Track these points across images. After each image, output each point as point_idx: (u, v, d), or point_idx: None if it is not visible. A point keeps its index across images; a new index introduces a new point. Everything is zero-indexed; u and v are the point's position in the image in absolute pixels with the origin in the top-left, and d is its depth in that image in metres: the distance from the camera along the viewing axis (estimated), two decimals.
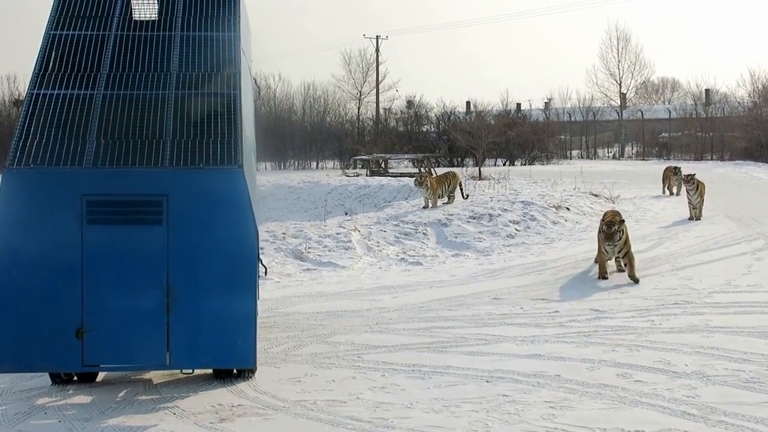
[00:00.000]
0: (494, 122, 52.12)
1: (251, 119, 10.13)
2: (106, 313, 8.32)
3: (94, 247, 8.29)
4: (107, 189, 8.36)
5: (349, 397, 8.71)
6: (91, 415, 8.27)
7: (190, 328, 8.36)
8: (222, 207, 8.38)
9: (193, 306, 8.36)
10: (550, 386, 8.82)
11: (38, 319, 8.29)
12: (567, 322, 12.03)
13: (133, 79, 9.43)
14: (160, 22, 10.20)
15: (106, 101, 9.15)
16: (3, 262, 8.23)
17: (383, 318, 12.99)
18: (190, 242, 8.35)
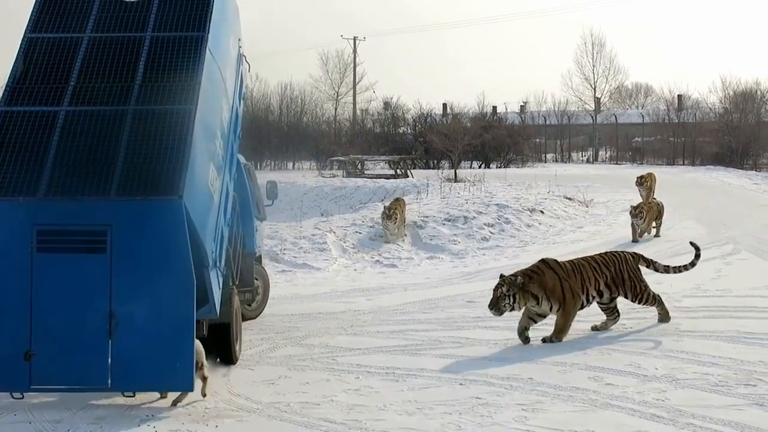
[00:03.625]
0: (470, 125, 52.21)
1: (219, 126, 9.88)
2: (52, 336, 8.25)
3: (43, 274, 8.27)
4: (56, 219, 8.32)
5: (323, 399, 8.71)
6: (62, 417, 8.21)
7: (129, 352, 8.24)
8: (160, 237, 8.30)
9: (133, 331, 8.24)
10: (523, 389, 8.86)
11: None
12: (540, 325, 12.05)
13: (96, 93, 9.19)
14: (136, 17, 9.88)
15: (68, 120, 8.94)
16: None
17: (358, 320, 13.00)
18: (131, 270, 8.29)
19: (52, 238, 8.31)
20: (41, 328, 8.26)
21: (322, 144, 58.05)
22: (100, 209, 8.31)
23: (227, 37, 10.59)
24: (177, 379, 8.36)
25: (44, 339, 8.25)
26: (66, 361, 8.26)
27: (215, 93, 9.76)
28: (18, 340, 8.23)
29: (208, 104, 9.34)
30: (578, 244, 20.97)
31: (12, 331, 8.26)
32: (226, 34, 10.55)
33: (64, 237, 8.34)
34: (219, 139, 9.77)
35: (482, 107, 65.95)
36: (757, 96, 55.08)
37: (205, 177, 9.01)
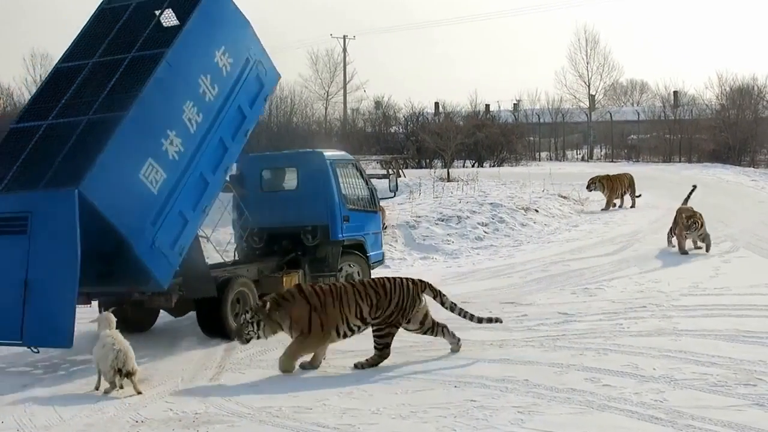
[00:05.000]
0: (463, 123, 52.23)
1: (176, 126, 11.57)
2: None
3: None
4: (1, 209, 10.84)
5: (315, 403, 8.69)
6: (50, 423, 8.20)
7: (35, 314, 10.18)
8: (57, 221, 10.31)
9: (38, 298, 10.23)
10: (519, 391, 8.84)
11: None
12: (535, 325, 12.09)
13: (72, 107, 11.71)
14: (133, 39, 12.28)
15: (45, 131, 11.56)
16: None
17: None
18: (41, 248, 10.37)
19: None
20: None
21: (313, 144, 57.99)
22: (25, 199, 10.67)
23: (210, 49, 12.29)
24: (59, 337, 10.18)
25: None
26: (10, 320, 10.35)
27: (172, 99, 11.63)
28: None
29: (154, 109, 11.37)
30: (574, 243, 21.03)
31: None
32: (208, 47, 12.27)
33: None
34: (174, 138, 11.50)
35: (475, 105, 65.91)
36: (754, 92, 55.17)
37: (134, 171, 10.89)
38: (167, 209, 11.29)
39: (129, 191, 10.82)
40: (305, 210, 14.55)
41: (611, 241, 20.64)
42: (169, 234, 11.30)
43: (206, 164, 12.00)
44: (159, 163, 11.23)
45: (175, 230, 11.41)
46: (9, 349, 11.31)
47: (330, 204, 14.48)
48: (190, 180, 11.69)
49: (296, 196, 14.78)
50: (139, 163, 10.99)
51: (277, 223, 14.72)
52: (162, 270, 11.14)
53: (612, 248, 19.46)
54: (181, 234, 11.52)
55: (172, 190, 11.38)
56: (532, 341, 11.10)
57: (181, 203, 11.52)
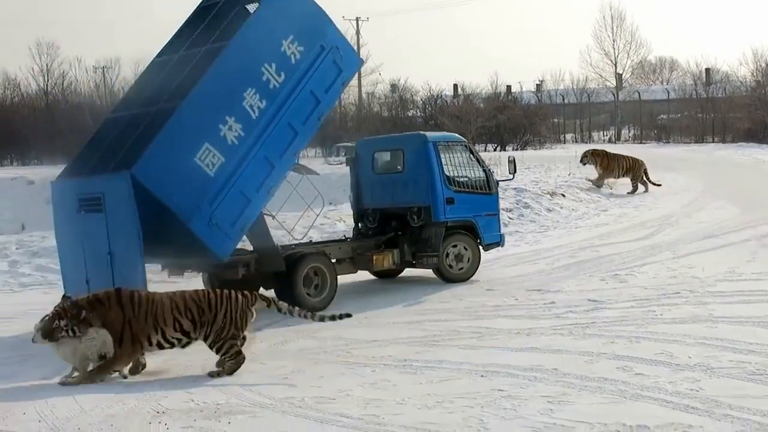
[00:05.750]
0: (483, 106, 52.22)
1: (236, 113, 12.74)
2: (97, 266, 12.41)
3: (83, 227, 12.66)
4: (83, 190, 12.78)
5: (338, 393, 8.77)
6: (72, 414, 8.34)
7: (120, 282, 11.53)
8: (120, 200, 11.90)
9: (119, 268, 12.11)
10: (548, 380, 8.89)
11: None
12: (564, 313, 12.13)
13: (151, 98, 13.49)
14: (212, 33, 13.87)
15: (125, 121, 13.61)
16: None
17: (372, 311, 13.07)
18: (113, 225, 12.13)
19: (83, 203, 12.72)
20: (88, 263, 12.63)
21: (328, 130, 58.02)
22: (98, 182, 12.60)
23: (275, 39, 13.36)
24: None
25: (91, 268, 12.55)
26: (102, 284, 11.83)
27: (230, 87, 12.82)
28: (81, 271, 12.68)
29: (211, 98, 12.63)
30: (603, 228, 21.06)
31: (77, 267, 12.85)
32: (273, 37, 13.34)
33: (86, 202, 12.68)
34: (233, 124, 12.71)
35: (496, 87, 65.90)
36: None
37: (189, 155, 12.25)
38: (226, 190, 12.58)
39: (183, 174, 12.21)
40: (410, 191, 15.74)
41: (642, 225, 20.65)
42: (229, 213, 12.62)
43: (271, 148, 13.13)
44: (216, 147, 12.53)
45: (236, 209, 12.73)
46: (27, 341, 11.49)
47: (431, 185, 15.42)
48: (253, 163, 12.89)
49: (402, 178, 15.93)
50: (194, 148, 12.35)
51: (387, 204, 16.06)
52: (220, 245, 12.59)
53: (643, 233, 19.47)
54: (243, 213, 12.84)
55: (232, 173, 12.64)
56: (560, 329, 11.15)
57: (243, 184, 12.77)
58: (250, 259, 13.73)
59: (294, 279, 13.64)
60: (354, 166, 16.70)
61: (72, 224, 13.04)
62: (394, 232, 15.81)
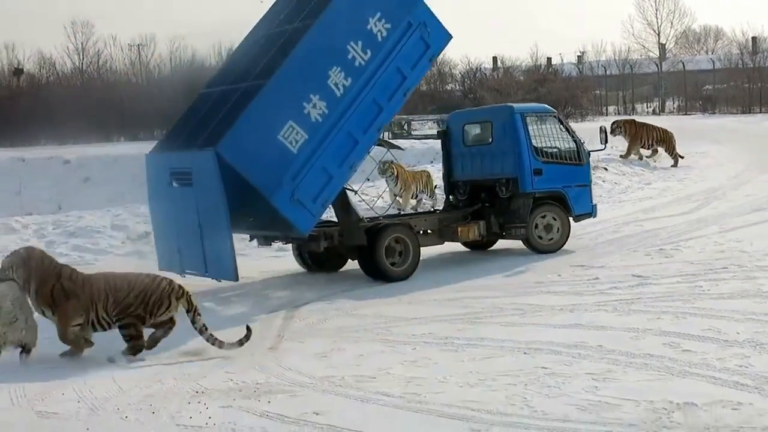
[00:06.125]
0: (523, 78, 51.89)
1: (320, 91, 13.22)
2: (188, 237, 13.40)
3: (175, 200, 13.68)
4: (174, 164, 13.83)
5: (378, 372, 8.79)
6: (111, 394, 8.43)
7: (210, 252, 12.96)
8: (206, 175, 12.66)
9: (209, 239, 12.92)
10: (592, 357, 8.85)
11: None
12: (608, 289, 12.06)
13: (240, 75, 14.20)
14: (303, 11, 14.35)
15: (215, 97, 14.37)
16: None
17: (412, 288, 13.07)
18: (202, 198, 12.93)
19: (175, 176, 13.72)
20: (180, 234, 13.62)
21: None
22: (188, 158, 13.52)
23: (361, 17, 13.67)
24: (227, 273, 12.84)
25: (183, 239, 13.58)
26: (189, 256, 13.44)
27: (315, 66, 13.27)
28: (174, 241, 13.78)
29: (295, 77, 13.12)
30: (647, 202, 20.90)
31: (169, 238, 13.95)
32: (360, 15, 13.66)
33: (177, 176, 13.66)
34: (317, 101, 13.20)
35: (536, 59, 65.42)
36: None
37: (272, 133, 12.85)
38: (308, 166, 13.12)
39: (266, 151, 12.86)
40: (498, 163, 15.92)
41: (688, 198, 20.45)
42: (311, 188, 13.15)
43: (356, 124, 13.58)
44: (300, 125, 13.07)
45: (318, 185, 13.24)
46: None
47: (518, 157, 15.61)
48: (336, 139, 13.37)
49: (491, 150, 16.13)
50: (278, 126, 12.92)
51: (477, 176, 16.27)
52: (301, 220, 13.18)
53: (689, 206, 19.28)
54: (325, 188, 13.34)
55: (315, 149, 13.17)
56: (604, 305, 11.08)
57: (325, 160, 13.28)
58: (333, 232, 14.22)
59: (375, 249, 13.99)
60: (445, 139, 17.00)
61: (164, 197, 14.04)
62: (483, 203, 16.02)
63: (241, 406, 7.86)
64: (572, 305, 11.19)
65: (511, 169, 15.65)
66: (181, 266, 13.72)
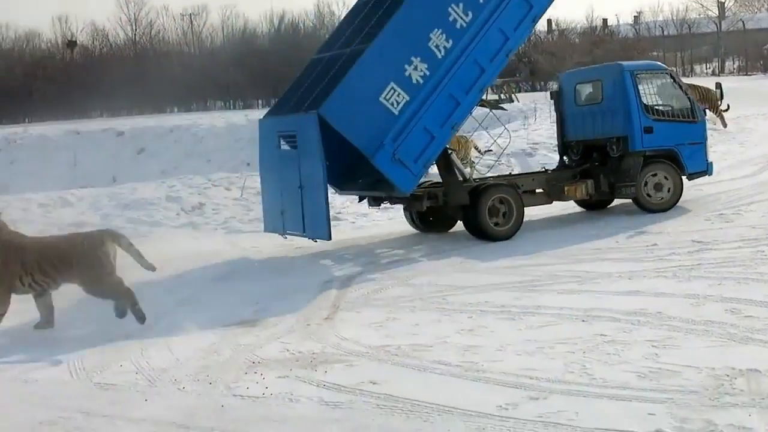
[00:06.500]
0: (579, 41, 51.35)
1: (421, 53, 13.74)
2: (290, 199, 14.13)
3: (281, 163, 14.57)
4: (282, 128, 14.67)
5: (435, 341, 8.80)
6: (167, 365, 8.55)
7: (308, 213, 13.79)
8: (309, 138, 13.45)
9: (308, 200, 13.72)
10: (652, 324, 8.77)
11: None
12: (667, 255, 11.94)
13: (345, 42, 15.00)
14: None
15: (324, 62, 15.11)
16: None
17: (468, 256, 13.06)
18: (304, 160, 13.71)
19: (283, 138, 14.56)
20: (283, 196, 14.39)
21: None
22: (293, 121, 14.29)
23: None
24: (321, 232, 13.70)
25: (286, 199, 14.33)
26: (291, 217, 14.23)
27: (416, 29, 13.76)
28: (278, 203, 14.54)
29: (396, 40, 13.69)
30: None
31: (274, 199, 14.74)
32: None
33: (286, 138, 14.51)
34: (418, 63, 13.70)
35: (591, 21, 64.73)
36: None
37: (374, 95, 13.45)
38: (410, 127, 13.66)
39: (367, 113, 13.46)
40: (608, 122, 15.97)
41: (749, 162, 20.13)
42: (413, 149, 13.68)
43: (457, 85, 13.98)
44: (401, 86, 13.62)
45: (420, 145, 13.76)
46: None
47: (628, 115, 15.62)
48: (438, 100, 13.83)
49: (601, 109, 16.20)
50: (379, 88, 13.52)
51: (589, 135, 16.39)
52: (403, 179, 13.72)
53: (750, 170, 18.98)
54: (427, 148, 13.85)
55: (416, 110, 13.69)
56: (664, 272, 10.98)
57: (427, 121, 13.78)
58: (438, 192, 14.60)
59: (478, 209, 14.27)
60: (557, 99, 17.20)
61: (272, 159, 14.88)
62: (595, 163, 16.08)
63: (297, 376, 7.93)
64: (631, 272, 11.10)
65: (621, 128, 15.68)
66: (284, 227, 14.57)
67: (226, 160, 33.38)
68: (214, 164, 32.29)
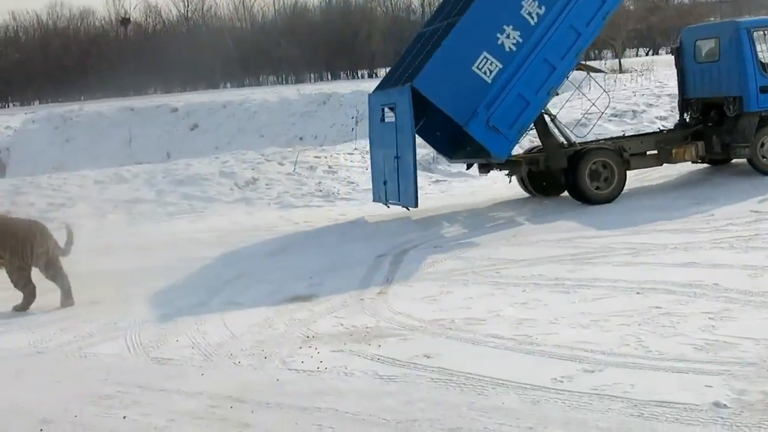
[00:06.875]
0: (633, 8, 50.56)
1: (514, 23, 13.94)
2: (390, 169, 14.78)
3: (384, 134, 15.28)
4: (385, 101, 15.17)
5: (488, 314, 8.80)
6: (224, 340, 8.67)
7: (402, 182, 14.37)
8: (403, 109, 14.18)
9: (402, 170, 14.34)
10: (708, 296, 8.67)
11: None
12: (724, 226, 11.78)
13: (447, 14, 15.45)
14: None
15: (426, 35, 15.74)
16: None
17: (521, 229, 13.01)
18: (399, 132, 14.32)
19: (386, 109, 15.12)
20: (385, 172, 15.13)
21: None
22: (392, 94, 14.92)
23: None
24: (410, 199, 14.32)
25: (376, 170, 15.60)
26: (391, 187, 14.86)
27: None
28: (382, 174, 15.25)
29: (488, 11, 13.97)
30: None
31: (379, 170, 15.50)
32: None
33: (387, 110, 14.96)
34: (511, 32, 13.94)
35: None
36: None
37: (466, 65, 13.79)
38: (504, 94, 13.93)
39: (460, 82, 13.81)
40: (724, 80, 15.71)
41: None
42: (507, 115, 13.94)
43: (552, 50, 14.17)
44: (493, 55, 13.91)
45: (514, 112, 14.01)
46: (177, 269, 12.02)
47: (743, 74, 15.30)
48: (532, 66, 14.04)
49: (718, 67, 15.90)
50: (471, 58, 13.85)
51: (707, 94, 16.14)
52: (498, 145, 14.06)
53: None
54: (522, 114, 14.11)
55: (510, 78, 13.96)
56: (720, 243, 10.84)
57: (521, 87, 14.03)
58: (539, 157, 14.91)
59: (577, 174, 14.45)
60: (678, 55, 16.89)
61: (376, 132, 15.67)
62: (710, 123, 15.87)
63: (351, 350, 7.99)
64: (686, 243, 10.98)
65: (736, 87, 15.39)
66: (386, 197, 15.18)
67: (278, 135, 33.62)
68: (267, 139, 32.55)
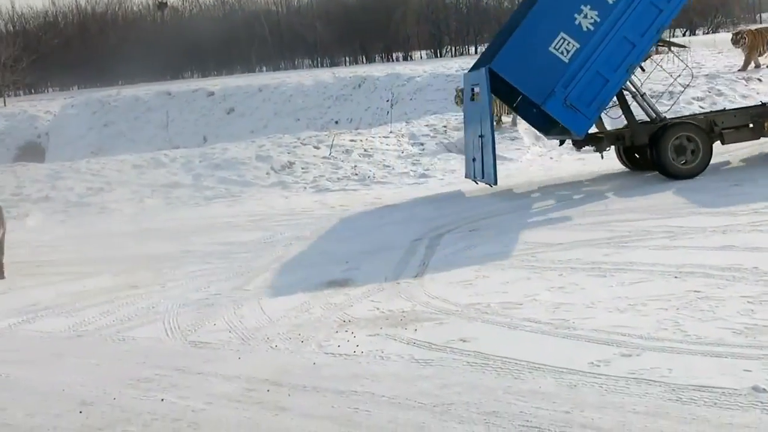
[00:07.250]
0: None
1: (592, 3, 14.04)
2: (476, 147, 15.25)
3: (472, 113, 15.86)
4: (473, 81, 15.58)
5: (525, 298, 8.77)
6: (260, 324, 8.72)
7: (484, 160, 14.81)
8: (484, 90, 14.44)
9: (485, 143, 14.66)
10: (747, 280, 8.58)
11: None
12: (763, 208, 11.64)
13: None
14: None
15: (517, 17, 15.62)
16: None
17: (556, 212, 12.95)
18: (481, 111, 14.76)
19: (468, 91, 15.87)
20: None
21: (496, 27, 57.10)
22: (475, 76, 15.40)
23: None
24: (490, 178, 14.60)
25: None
26: (477, 165, 15.21)
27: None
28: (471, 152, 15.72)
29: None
30: None
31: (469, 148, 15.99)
32: None
33: (470, 91, 15.64)
34: (588, 11, 14.00)
35: None
36: None
37: (543, 46, 13.99)
38: (582, 73, 14.07)
39: (537, 63, 14.03)
40: None
41: None
42: (586, 93, 14.13)
43: (632, 28, 14.18)
44: (571, 35, 14.07)
45: (593, 90, 14.17)
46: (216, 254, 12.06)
47: None
48: (611, 45, 14.11)
49: None
50: (548, 39, 14.05)
51: None
52: (576, 123, 14.29)
53: None
54: (600, 93, 14.27)
55: (588, 57, 14.07)
56: (760, 225, 10.71)
57: (600, 65, 14.13)
58: (625, 133, 15.13)
59: (661, 148, 14.50)
60: None
61: (469, 110, 16.21)
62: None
63: (388, 334, 8.01)
64: (725, 226, 10.86)
65: None
66: (475, 174, 15.52)
67: (314, 119, 33.65)
68: (303, 123, 32.58)
